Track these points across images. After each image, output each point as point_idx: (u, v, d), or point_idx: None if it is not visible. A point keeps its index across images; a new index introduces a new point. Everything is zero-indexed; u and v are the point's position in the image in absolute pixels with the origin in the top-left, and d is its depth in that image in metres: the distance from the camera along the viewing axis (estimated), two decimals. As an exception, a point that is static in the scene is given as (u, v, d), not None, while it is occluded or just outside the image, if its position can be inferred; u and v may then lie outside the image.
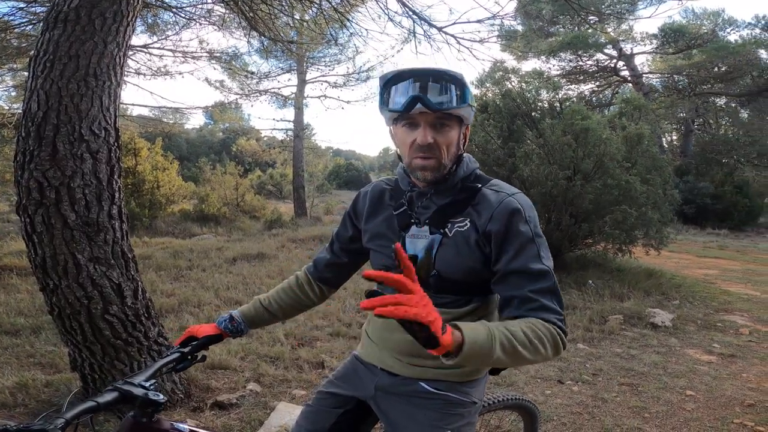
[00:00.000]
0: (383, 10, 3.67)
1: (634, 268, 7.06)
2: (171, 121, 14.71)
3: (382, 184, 1.24)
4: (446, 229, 1.05)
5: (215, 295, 5.03)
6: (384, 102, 1.04)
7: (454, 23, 3.68)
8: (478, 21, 3.81)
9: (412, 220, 1.10)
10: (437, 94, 0.97)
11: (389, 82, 1.02)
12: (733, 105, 22.25)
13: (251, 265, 6.91)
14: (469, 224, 1.04)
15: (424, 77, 0.98)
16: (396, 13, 3.64)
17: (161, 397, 0.93)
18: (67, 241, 2.25)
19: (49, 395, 2.52)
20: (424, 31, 3.69)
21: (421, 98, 0.96)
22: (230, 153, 22.33)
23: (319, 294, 1.37)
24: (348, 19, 3.90)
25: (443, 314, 1.06)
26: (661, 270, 7.17)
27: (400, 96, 0.99)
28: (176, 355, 1.16)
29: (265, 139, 19.47)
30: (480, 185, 1.08)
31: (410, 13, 3.57)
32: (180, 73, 9.35)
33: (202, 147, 33.33)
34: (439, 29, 3.67)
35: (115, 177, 2.45)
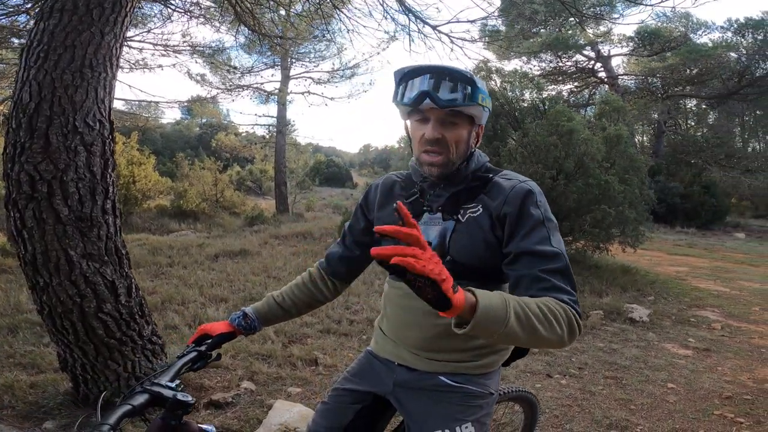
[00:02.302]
0: (382, 6, 3.67)
1: (611, 265, 7.27)
2: (146, 115, 14.34)
3: (393, 177, 1.27)
4: (459, 216, 1.08)
5: (199, 293, 4.95)
6: (397, 96, 1.07)
7: (449, 22, 3.73)
8: (471, 21, 3.87)
9: (425, 208, 1.12)
10: (447, 91, 1.00)
11: (405, 77, 1.05)
12: (703, 107, 23.12)
13: (234, 262, 6.83)
14: (481, 209, 1.06)
15: (437, 74, 1.01)
16: (393, 9, 3.67)
17: (190, 399, 0.92)
18: (59, 237, 2.19)
19: (36, 396, 2.45)
20: (419, 29, 3.73)
21: (429, 94, 1.00)
22: (208, 148, 21.91)
23: (332, 289, 1.37)
24: (343, 13, 3.89)
25: None
26: (636, 267, 7.40)
27: (411, 91, 1.02)
28: (194, 354, 1.14)
29: (243, 134, 19.18)
30: (491, 175, 1.11)
31: (406, 10, 3.59)
32: (160, 67, 9.10)
33: (177, 142, 32.53)
34: (434, 27, 3.71)
35: (109, 171, 2.40)
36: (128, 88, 16.78)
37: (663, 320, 4.95)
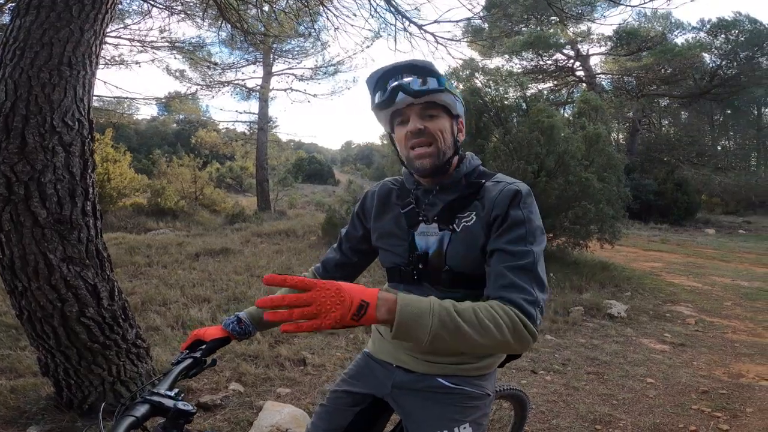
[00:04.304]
0: (369, 4, 3.65)
1: (590, 261, 7.44)
2: (120, 111, 13.96)
3: (389, 184, 1.27)
4: (454, 225, 1.08)
5: (181, 293, 4.86)
6: (374, 101, 1.10)
7: (435, 21, 3.75)
8: (457, 21, 3.90)
9: (420, 218, 1.13)
10: (418, 85, 1.03)
11: (378, 82, 1.08)
12: (675, 106, 23.78)
13: (216, 260, 6.73)
14: (475, 218, 1.07)
15: (406, 70, 1.05)
16: (382, 7, 3.65)
17: (191, 407, 0.91)
18: (37, 240, 2.12)
19: (17, 401, 2.38)
20: (404, 27, 3.73)
21: (401, 86, 1.03)
22: (186, 145, 21.46)
23: None
24: (330, 11, 3.86)
25: None
26: (613, 263, 7.59)
27: (384, 91, 1.06)
28: (189, 360, 1.12)
29: (223, 131, 18.88)
30: (484, 180, 1.12)
31: (393, 10, 3.59)
32: (137, 63, 8.86)
33: (154, 138, 31.76)
34: (420, 27, 3.72)
35: (89, 171, 2.33)
36: (102, 84, 16.26)
37: (640, 316, 5.08)
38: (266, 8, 4.14)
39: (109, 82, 16.52)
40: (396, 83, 1.04)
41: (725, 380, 3.33)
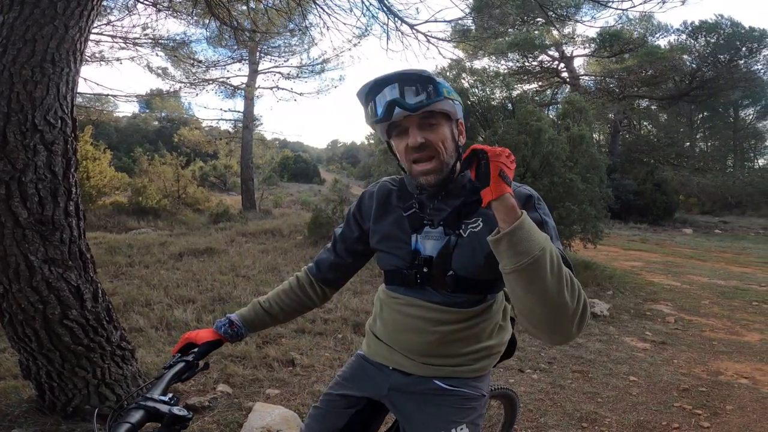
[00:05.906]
0: (362, 3, 3.63)
1: (573, 260, 7.54)
2: (100, 108, 13.66)
3: (388, 185, 1.25)
4: (460, 230, 1.08)
5: (165, 294, 4.79)
6: (369, 115, 1.08)
7: (426, 21, 3.77)
8: (448, 21, 3.92)
9: (425, 222, 1.12)
10: (413, 95, 1.01)
11: (369, 94, 1.06)
12: (654, 108, 24.30)
13: (200, 260, 6.64)
14: (482, 224, 1.07)
15: (399, 81, 1.02)
16: (374, 6, 3.65)
17: (187, 413, 0.89)
18: (18, 241, 2.07)
19: (-2, 405, 2.32)
20: (396, 27, 3.73)
21: (397, 102, 1.00)
22: (168, 143, 21.11)
23: (321, 295, 1.35)
24: (323, 10, 3.83)
25: (456, 314, 1.10)
26: (595, 262, 7.71)
27: (379, 106, 1.03)
28: (182, 364, 1.11)
29: (206, 129, 18.60)
30: None
31: (385, 9, 3.58)
32: (118, 60, 8.67)
33: (134, 136, 31.11)
34: (411, 26, 3.73)
35: (72, 171, 2.27)
36: (82, 80, 15.87)
37: (622, 314, 5.18)
38: (252, 5, 4.09)
39: (89, 79, 16.08)
40: (391, 99, 1.00)
41: (705, 378, 3.42)
